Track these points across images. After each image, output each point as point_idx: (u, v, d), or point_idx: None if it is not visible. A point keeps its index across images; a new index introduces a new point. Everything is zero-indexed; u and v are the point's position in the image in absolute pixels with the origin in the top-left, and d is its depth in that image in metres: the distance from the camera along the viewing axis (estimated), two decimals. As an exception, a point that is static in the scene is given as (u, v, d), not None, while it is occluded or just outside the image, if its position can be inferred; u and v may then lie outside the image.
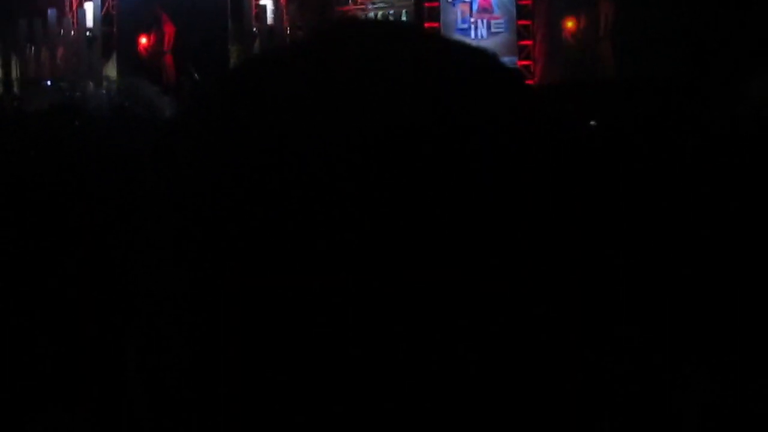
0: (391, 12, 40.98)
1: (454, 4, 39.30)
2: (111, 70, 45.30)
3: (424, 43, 1.68)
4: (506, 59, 38.69)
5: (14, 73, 45.13)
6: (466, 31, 39.17)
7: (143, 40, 46.60)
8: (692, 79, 35.48)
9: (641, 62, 38.81)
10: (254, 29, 45.12)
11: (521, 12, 38.82)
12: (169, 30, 46.56)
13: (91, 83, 44.24)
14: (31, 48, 45.45)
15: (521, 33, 38.84)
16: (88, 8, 45.54)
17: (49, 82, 44.61)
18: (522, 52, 38.70)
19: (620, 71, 39.54)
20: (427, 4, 39.45)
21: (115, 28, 45.75)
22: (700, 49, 37.30)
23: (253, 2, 45.00)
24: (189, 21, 45.62)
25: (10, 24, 44.73)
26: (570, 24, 40.29)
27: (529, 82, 38.35)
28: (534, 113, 1.69)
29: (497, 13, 39.07)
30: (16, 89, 45.12)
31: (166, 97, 40.25)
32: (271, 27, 45.13)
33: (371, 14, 41.31)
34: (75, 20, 45.61)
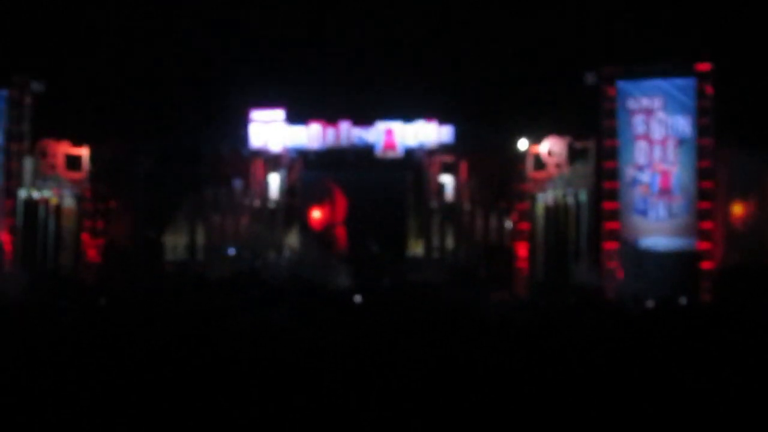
0: (570, 191, 40.95)
1: (633, 186, 39.14)
2: (292, 239, 46.22)
3: None
4: (685, 241, 38.28)
5: (199, 240, 46.40)
6: (644, 212, 38.91)
7: (316, 213, 47.86)
8: None
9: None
10: (433, 204, 45.60)
11: (702, 194, 38.38)
12: (341, 202, 47.73)
13: (272, 252, 45.19)
14: (216, 216, 46.78)
15: (701, 215, 38.33)
16: (273, 180, 46.74)
17: (232, 250, 45.69)
18: (702, 235, 38.15)
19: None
20: (606, 185, 39.32)
21: (298, 199, 46.77)
22: None
23: (433, 178, 45.53)
24: (367, 194, 46.55)
25: (197, 192, 46.23)
26: (739, 208, 39.61)
27: (708, 264, 37.74)
28: None
29: (677, 194, 38.73)
30: (200, 256, 46.34)
31: (341, 267, 40.59)
32: (450, 203, 45.54)
33: (550, 193, 41.38)
34: (260, 191, 46.84)
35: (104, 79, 48.32)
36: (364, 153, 44.85)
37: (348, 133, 44.76)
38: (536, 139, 41.63)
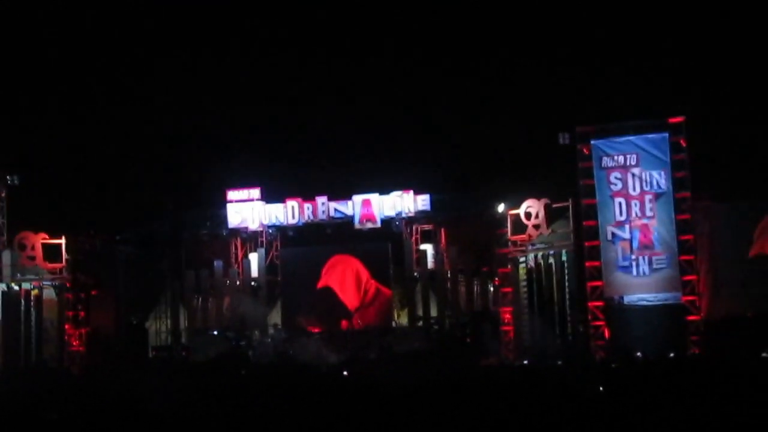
0: (551, 252, 40.85)
1: (614, 242, 39.09)
2: (276, 317, 46.11)
3: None
4: (670, 295, 38.25)
5: (182, 323, 46.21)
6: (627, 269, 38.86)
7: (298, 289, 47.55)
8: None
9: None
10: (415, 273, 45.50)
11: (683, 247, 38.38)
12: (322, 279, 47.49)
13: (256, 331, 44.95)
14: (198, 298, 46.65)
15: (684, 268, 38.30)
16: (253, 259, 46.74)
17: (215, 332, 45.50)
18: (686, 287, 38.09)
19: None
20: (587, 243, 39.27)
21: (279, 276, 46.68)
22: None
23: (414, 247, 45.54)
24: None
25: (178, 276, 46.12)
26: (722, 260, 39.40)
27: (695, 317, 37.67)
28: None
29: (659, 249, 38.72)
30: (184, 339, 46.06)
31: (326, 342, 40.04)
32: (432, 270, 45.48)
33: (531, 255, 41.28)
34: (241, 270, 46.83)
35: (78, 169, 48.40)
36: (342, 226, 44.87)
37: (325, 207, 44.76)
38: (514, 202, 41.59)
